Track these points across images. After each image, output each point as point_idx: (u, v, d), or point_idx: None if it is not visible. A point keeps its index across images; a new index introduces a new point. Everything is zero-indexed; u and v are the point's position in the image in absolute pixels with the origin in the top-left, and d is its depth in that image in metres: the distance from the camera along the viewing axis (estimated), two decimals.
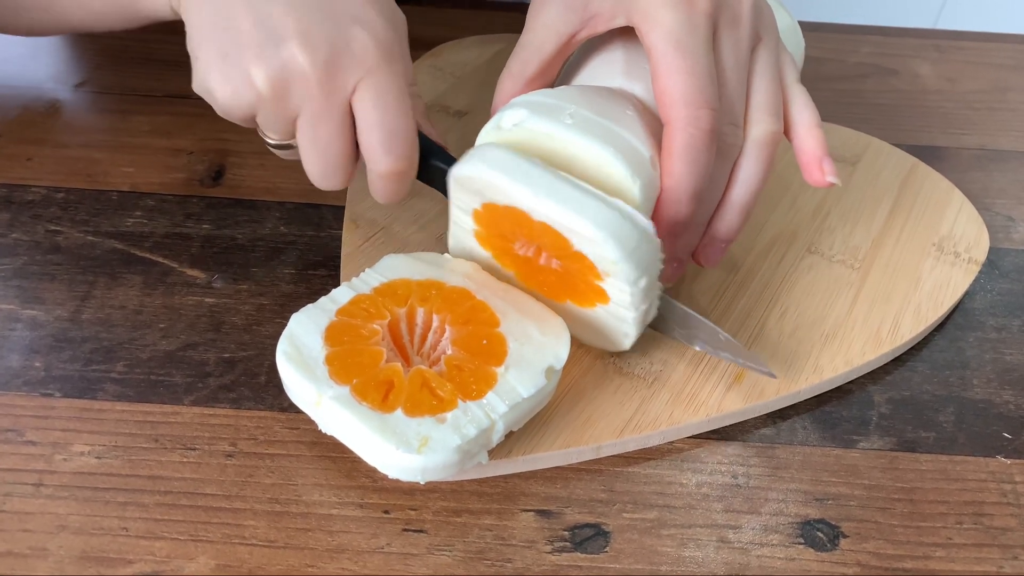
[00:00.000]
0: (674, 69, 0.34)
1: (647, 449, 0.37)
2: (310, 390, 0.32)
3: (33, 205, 0.46)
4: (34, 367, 0.38)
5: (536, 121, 0.35)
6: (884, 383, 0.40)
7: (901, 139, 0.55)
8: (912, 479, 0.37)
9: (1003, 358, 0.42)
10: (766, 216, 0.47)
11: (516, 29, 0.44)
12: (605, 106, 0.36)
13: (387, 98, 0.35)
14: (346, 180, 0.38)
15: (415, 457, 0.31)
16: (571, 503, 0.35)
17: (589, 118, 0.35)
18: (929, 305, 0.43)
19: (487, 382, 0.33)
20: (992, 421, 0.39)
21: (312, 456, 0.36)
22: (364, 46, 0.35)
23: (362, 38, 0.35)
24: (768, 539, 0.34)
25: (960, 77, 0.62)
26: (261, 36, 0.34)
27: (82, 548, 0.33)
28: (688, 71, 0.34)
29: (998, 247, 0.48)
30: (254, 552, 0.33)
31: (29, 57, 0.58)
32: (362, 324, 0.34)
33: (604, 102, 0.37)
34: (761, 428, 0.38)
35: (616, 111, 0.36)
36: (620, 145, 0.35)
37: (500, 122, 0.36)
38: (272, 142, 0.38)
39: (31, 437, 0.36)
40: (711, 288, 0.43)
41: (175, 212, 0.47)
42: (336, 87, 0.35)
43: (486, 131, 0.37)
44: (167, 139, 0.51)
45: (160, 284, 0.43)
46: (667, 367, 0.39)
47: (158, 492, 0.34)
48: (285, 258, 0.44)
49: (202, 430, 0.36)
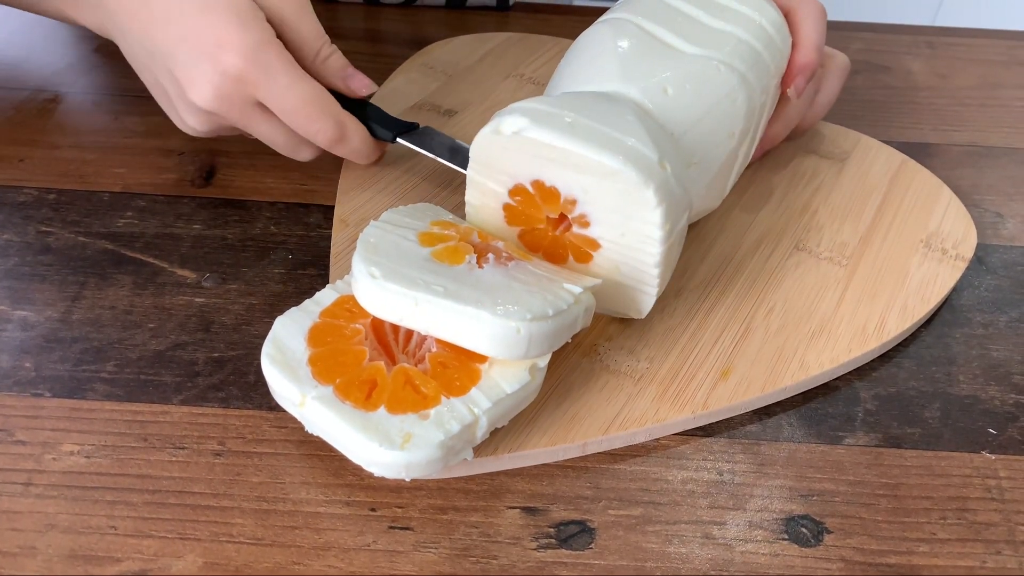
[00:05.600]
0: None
1: (633, 446, 0.37)
2: (294, 391, 0.32)
3: (25, 206, 0.47)
4: (24, 367, 0.39)
5: (537, 131, 0.35)
6: (870, 379, 0.41)
7: (892, 136, 0.55)
8: (897, 475, 0.37)
9: (989, 354, 0.42)
10: (754, 213, 0.47)
11: (506, 29, 0.44)
12: (605, 113, 0.36)
13: (284, 102, 0.41)
14: (315, 149, 0.45)
15: (398, 454, 0.31)
16: (557, 500, 0.35)
17: (590, 126, 0.35)
18: (916, 302, 0.43)
19: (471, 378, 0.33)
20: (977, 417, 0.39)
21: (299, 455, 0.36)
22: (234, 73, 0.40)
23: (228, 66, 0.40)
24: (753, 535, 0.34)
25: (952, 73, 0.62)
26: (165, 99, 0.44)
27: (71, 547, 0.33)
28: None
29: (986, 243, 0.48)
30: (241, 550, 0.33)
31: (22, 59, 0.58)
32: (345, 324, 0.34)
33: (603, 108, 0.37)
34: (747, 425, 0.38)
35: (616, 117, 0.36)
36: (626, 152, 0.35)
37: (499, 127, 0.36)
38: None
39: (21, 437, 0.36)
40: (699, 285, 0.43)
41: (166, 212, 0.47)
42: (239, 112, 0.41)
43: (484, 135, 0.37)
44: (159, 140, 0.52)
45: (150, 284, 0.43)
46: (654, 364, 0.39)
47: (147, 491, 0.35)
48: (275, 258, 0.45)
49: (191, 429, 0.37)
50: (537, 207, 0.38)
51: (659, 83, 0.39)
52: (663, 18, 0.42)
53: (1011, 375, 0.41)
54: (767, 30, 0.43)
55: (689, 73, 0.40)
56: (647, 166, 0.35)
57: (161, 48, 0.41)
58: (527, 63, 0.58)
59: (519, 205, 0.39)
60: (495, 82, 0.56)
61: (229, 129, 0.45)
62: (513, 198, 0.39)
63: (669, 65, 0.40)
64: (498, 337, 0.33)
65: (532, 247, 0.40)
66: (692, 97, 0.40)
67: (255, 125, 0.43)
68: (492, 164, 0.38)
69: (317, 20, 0.43)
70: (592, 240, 0.38)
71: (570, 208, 0.37)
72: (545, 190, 0.37)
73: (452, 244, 0.36)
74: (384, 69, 0.57)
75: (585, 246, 0.38)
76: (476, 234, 0.38)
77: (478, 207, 0.40)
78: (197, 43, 0.40)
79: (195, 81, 0.40)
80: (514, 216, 0.39)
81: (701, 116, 0.40)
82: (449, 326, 0.33)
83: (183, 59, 0.40)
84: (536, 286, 0.35)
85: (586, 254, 0.38)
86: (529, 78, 0.57)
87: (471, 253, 0.36)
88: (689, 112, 0.39)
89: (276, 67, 0.40)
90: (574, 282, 0.36)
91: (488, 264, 0.36)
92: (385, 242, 0.35)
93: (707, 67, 0.40)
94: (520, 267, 0.36)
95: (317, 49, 0.43)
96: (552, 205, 0.38)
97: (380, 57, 0.60)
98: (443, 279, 0.34)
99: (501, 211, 0.39)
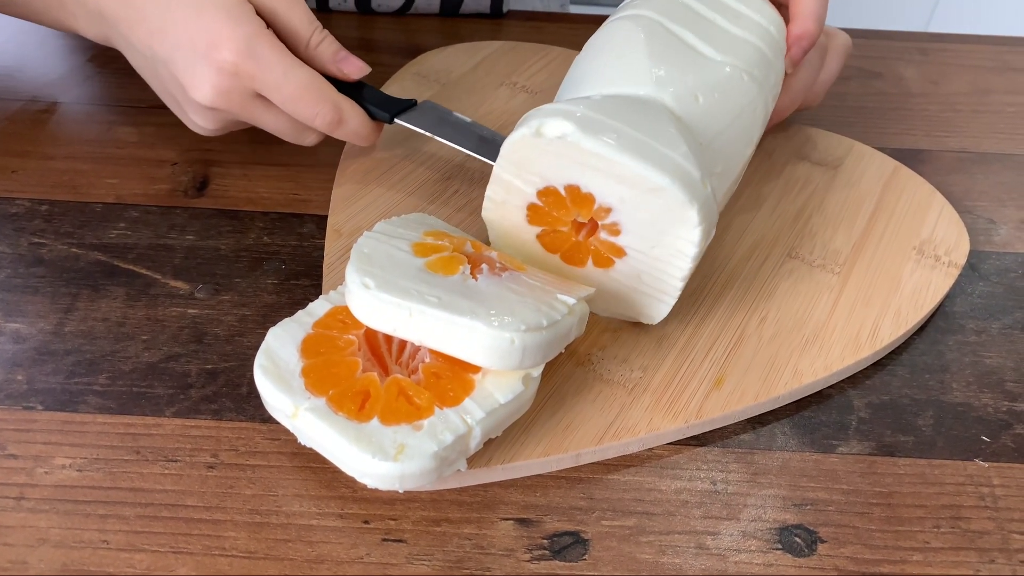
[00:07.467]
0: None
1: (626, 456, 0.37)
2: (286, 403, 0.32)
3: (17, 218, 0.47)
4: (16, 380, 0.39)
5: (584, 138, 0.35)
6: (864, 387, 0.41)
7: (884, 142, 0.55)
8: (890, 483, 0.37)
9: (982, 361, 0.42)
10: (747, 221, 0.47)
11: (500, 37, 0.44)
12: (648, 123, 0.36)
13: (281, 91, 0.42)
14: (318, 134, 0.46)
15: (392, 465, 0.31)
16: (550, 511, 0.35)
17: (637, 138, 0.35)
18: (909, 309, 0.43)
19: (464, 388, 0.33)
20: (971, 425, 0.39)
21: (292, 467, 0.36)
22: (229, 69, 0.41)
23: (223, 62, 0.41)
24: (746, 545, 0.34)
25: (944, 79, 0.63)
26: (174, 103, 0.45)
27: (63, 561, 0.33)
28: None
29: (979, 250, 0.48)
30: (234, 563, 0.33)
31: (16, 69, 0.58)
32: (338, 335, 0.34)
33: (645, 118, 0.37)
34: (740, 434, 0.38)
35: (660, 129, 0.36)
36: (674, 169, 0.35)
37: (541, 130, 0.36)
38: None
39: (13, 451, 0.36)
40: (692, 293, 0.43)
41: (159, 223, 0.47)
42: (240, 105, 0.42)
43: (522, 136, 0.36)
44: (152, 150, 0.52)
45: (143, 296, 0.43)
46: (647, 373, 0.39)
47: (139, 504, 0.34)
48: (268, 268, 0.45)
49: (183, 442, 0.37)
50: (566, 210, 0.38)
51: (691, 90, 0.39)
52: (684, 19, 0.41)
53: (1004, 382, 0.41)
54: (773, 35, 0.43)
55: (718, 81, 0.40)
56: (692, 185, 0.35)
57: (161, 55, 0.42)
58: (520, 71, 0.58)
59: (546, 206, 0.39)
60: (489, 91, 0.57)
61: (238, 124, 0.46)
62: (541, 199, 0.38)
63: (699, 72, 0.40)
64: (492, 348, 0.33)
65: (551, 248, 0.40)
66: (720, 106, 0.39)
67: (258, 116, 0.44)
68: (525, 164, 0.38)
69: (307, 8, 0.44)
70: (619, 248, 0.38)
71: (603, 215, 0.37)
72: (580, 195, 0.37)
73: (446, 254, 0.36)
74: (378, 78, 0.57)
75: (610, 252, 0.38)
76: (470, 244, 0.38)
77: (499, 203, 0.40)
78: (193, 46, 0.41)
79: (195, 81, 0.41)
80: (538, 216, 0.39)
81: (727, 126, 0.40)
82: (443, 337, 0.33)
83: (182, 63, 0.41)
84: (530, 297, 0.35)
85: (608, 260, 0.38)
86: (523, 86, 0.57)
87: (465, 263, 0.36)
88: (716, 121, 0.39)
89: (269, 58, 0.41)
90: (568, 292, 0.36)
91: (482, 275, 0.36)
92: (379, 252, 0.35)
93: (733, 76, 0.40)
94: (514, 277, 0.36)
95: (308, 36, 0.44)
96: (584, 210, 0.38)
97: (374, 66, 0.59)
98: (437, 290, 0.34)
99: (524, 210, 0.39)
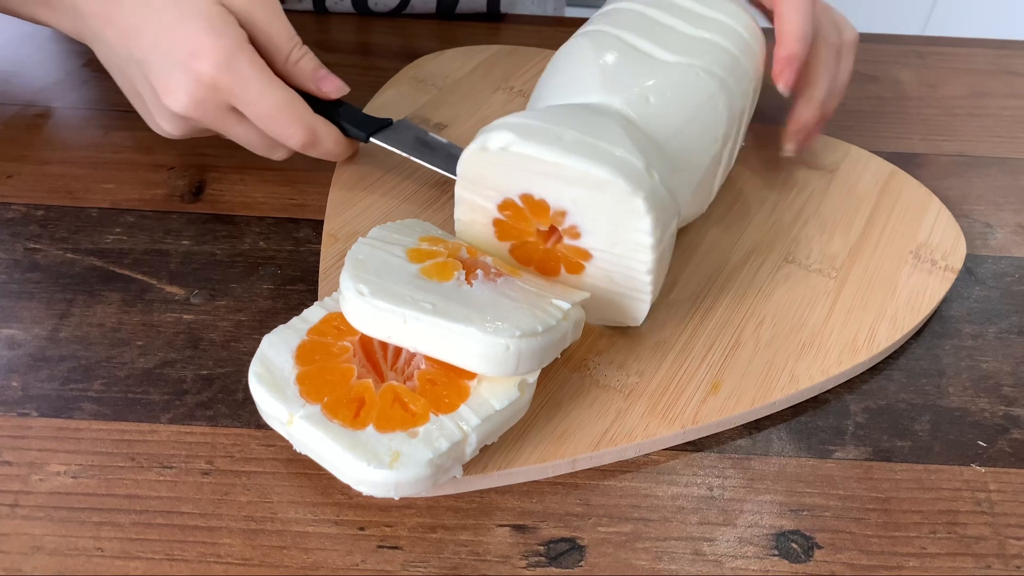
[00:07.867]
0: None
1: (623, 462, 0.37)
2: (281, 410, 0.32)
3: (12, 223, 0.46)
4: (11, 386, 0.38)
5: (525, 145, 0.35)
6: (860, 392, 0.41)
7: (881, 146, 0.55)
8: (887, 488, 0.37)
9: (979, 366, 0.42)
10: (744, 225, 0.47)
11: (497, 41, 0.44)
12: (591, 124, 0.37)
13: (256, 108, 0.42)
14: (289, 150, 0.46)
15: (387, 472, 0.31)
16: (546, 517, 0.35)
17: (577, 138, 0.36)
18: (906, 313, 0.43)
19: (460, 395, 0.33)
20: (967, 429, 0.39)
21: (288, 473, 0.36)
22: (207, 81, 0.40)
23: (201, 74, 0.40)
24: (743, 551, 0.34)
25: (940, 83, 0.63)
26: (140, 103, 0.45)
27: (57, 569, 0.33)
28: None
29: (975, 254, 0.48)
30: (229, 571, 0.33)
31: (11, 73, 0.58)
32: (333, 342, 0.34)
33: (589, 120, 0.37)
34: (737, 439, 0.38)
35: (602, 129, 0.37)
36: (615, 162, 0.35)
37: (486, 144, 0.36)
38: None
39: (7, 457, 0.36)
40: (689, 298, 0.43)
41: (155, 228, 0.47)
42: (213, 117, 0.42)
43: (470, 153, 0.37)
44: (148, 155, 0.51)
45: (139, 301, 0.43)
46: (643, 378, 0.39)
47: (134, 511, 0.34)
48: (264, 273, 0.44)
49: (179, 448, 0.37)
50: (527, 220, 0.38)
51: (641, 92, 0.39)
52: (642, 29, 0.42)
53: (1000, 387, 0.41)
54: (743, 36, 0.43)
55: (670, 81, 0.40)
56: (635, 175, 0.35)
57: (135, 55, 0.42)
58: (517, 75, 0.58)
59: (509, 219, 0.39)
60: (485, 95, 0.56)
61: (205, 132, 0.46)
62: (503, 213, 0.39)
63: (650, 74, 0.40)
64: (487, 354, 0.33)
65: (524, 261, 0.40)
66: (675, 104, 0.40)
67: (230, 128, 0.44)
68: (480, 180, 0.38)
69: (288, 22, 0.44)
70: (583, 251, 0.38)
71: (560, 220, 0.37)
72: (534, 203, 0.37)
73: (441, 260, 0.36)
74: (375, 82, 0.57)
75: (577, 257, 0.38)
76: (465, 250, 0.38)
77: (468, 223, 0.40)
78: (171, 51, 0.40)
79: (170, 88, 0.41)
80: (504, 231, 0.39)
81: (685, 123, 0.40)
82: (438, 343, 0.33)
83: (157, 66, 0.41)
84: (525, 302, 0.35)
85: (578, 265, 0.38)
86: (519, 91, 0.57)
87: (460, 269, 0.36)
88: (673, 119, 0.40)
89: (248, 74, 0.41)
90: (563, 297, 0.36)
91: (477, 280, 0.36)
92: (373, 259, 0.35)
93: (687, 74, 0.40)
94: (509, 283, 0.36)
95: (288, 51, 0.44)
96: (542, 218, 0.38)
97: (371, 70, 0.60)
98: (432, 296, 0.34)
99: (491, 227, 0.39)
